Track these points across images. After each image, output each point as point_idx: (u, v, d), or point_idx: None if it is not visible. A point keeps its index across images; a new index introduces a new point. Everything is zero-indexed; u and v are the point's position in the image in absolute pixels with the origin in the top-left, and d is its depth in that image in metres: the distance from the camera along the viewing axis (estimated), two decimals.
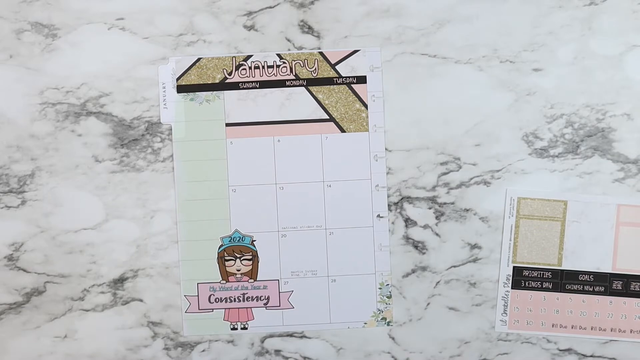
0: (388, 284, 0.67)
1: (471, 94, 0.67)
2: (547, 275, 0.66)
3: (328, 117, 0.67)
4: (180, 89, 0.67)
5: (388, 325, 0.67)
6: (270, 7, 0.67)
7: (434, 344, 0.68)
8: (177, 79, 0.67)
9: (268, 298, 0.68)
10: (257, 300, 0.67)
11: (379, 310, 0.67)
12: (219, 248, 0.67)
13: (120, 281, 0.67)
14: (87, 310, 0.68)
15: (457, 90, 0.67)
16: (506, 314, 0.67)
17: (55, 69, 0.67)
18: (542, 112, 0.67)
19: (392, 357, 0.68)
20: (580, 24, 0.66)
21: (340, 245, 0.67)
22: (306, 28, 0.67)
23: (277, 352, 0.68)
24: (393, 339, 0.68)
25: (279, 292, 0.67)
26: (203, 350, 0.68)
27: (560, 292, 0.66)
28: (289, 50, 0.67)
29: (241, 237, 0.67)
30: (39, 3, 0.67)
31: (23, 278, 0.67)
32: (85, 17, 0.67)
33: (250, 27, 0.67)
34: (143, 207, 0.67)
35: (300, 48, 0.67)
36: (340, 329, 0.67)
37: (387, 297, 0.67)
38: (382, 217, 0.67)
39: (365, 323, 0.67)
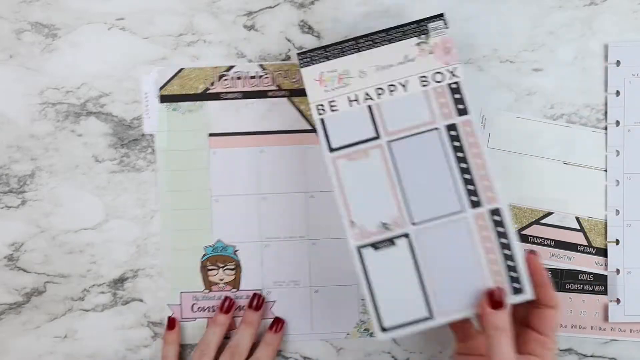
0: None
1: (471, 93, 0.67)
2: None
3: (311, 128, 0.66)
4: (163, 99, 0.67)
5: (371, 336, 0.67)
6: (270, 7, 0.67)
7: (434, 344, 0.67)
8: (160, 89, 0.67)
9: None
10: (240, 310, 0.67)
11: (362, 321, 0.67)
12: (202, 257, 0.67)
13: (120, 281, 0.67)
14: (87, 310, 0.67)
15: None
16: None
17: (55, 69, 0.67)
18: (542, 112, 0.67)
19: (392, 357, 0.68)
20: (580, 24, 0.66)
21: (323, 256, 0.66)
22: (306, 28, 0.67)
23: (277, 352, 0.68)
24: (393, 339, 0.67)
25: None
26: None
27: (560, 291, 0.66)
28: (289, 50, 0.67)
29: (224, 246, 0.67)
30: (39, 3, 0.67)
31: (23, 278, 0.67)
32: (85, 17, 0.67)
33: (250, 27, 0.67)
34: (143, 207, 0.67)
35: (301, 48, 0.67)
36: (321, 340, 0.67)
37: None
38: None
39: (348, 334, 0.67)
